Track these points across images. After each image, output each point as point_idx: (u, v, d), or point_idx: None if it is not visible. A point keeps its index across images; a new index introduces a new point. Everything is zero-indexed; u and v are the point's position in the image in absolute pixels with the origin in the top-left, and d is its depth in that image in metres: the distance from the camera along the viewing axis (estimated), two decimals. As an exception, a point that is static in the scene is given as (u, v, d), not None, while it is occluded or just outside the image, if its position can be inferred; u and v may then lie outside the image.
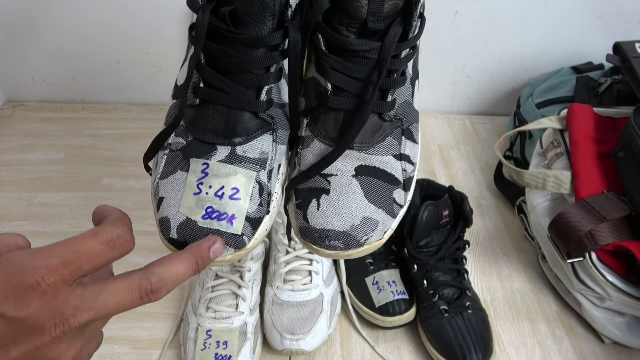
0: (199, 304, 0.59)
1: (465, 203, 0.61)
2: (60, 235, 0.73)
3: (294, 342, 0.57)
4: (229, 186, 0.36)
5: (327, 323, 0.61)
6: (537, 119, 0.80)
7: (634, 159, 0.59)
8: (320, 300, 0.62)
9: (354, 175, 0.38)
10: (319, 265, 0.63)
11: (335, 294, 0.65)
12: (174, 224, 0.36)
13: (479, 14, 0.93)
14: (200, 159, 0.37)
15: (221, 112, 0.37)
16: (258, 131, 0.38)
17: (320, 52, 0.38)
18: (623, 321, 0.62)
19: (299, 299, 0.61)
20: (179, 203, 0.36)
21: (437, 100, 1.06)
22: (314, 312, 0.60)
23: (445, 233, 0.63)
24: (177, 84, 0.42)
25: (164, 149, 0.39)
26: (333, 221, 0.37)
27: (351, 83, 0.38)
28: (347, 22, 0.36)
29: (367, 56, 0.37)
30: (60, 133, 0.93)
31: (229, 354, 0.56)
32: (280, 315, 0.60)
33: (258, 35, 0.35)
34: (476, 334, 0.58)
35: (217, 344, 0.56)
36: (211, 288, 0.60)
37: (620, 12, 0.93)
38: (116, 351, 0.60)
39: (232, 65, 0.36)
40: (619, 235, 0.57)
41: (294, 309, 0.60)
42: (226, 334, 0.57)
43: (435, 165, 0.92)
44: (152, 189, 0.39)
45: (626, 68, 0.69)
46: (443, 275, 0.62)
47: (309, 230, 0.37)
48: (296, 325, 0.59)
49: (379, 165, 0.39)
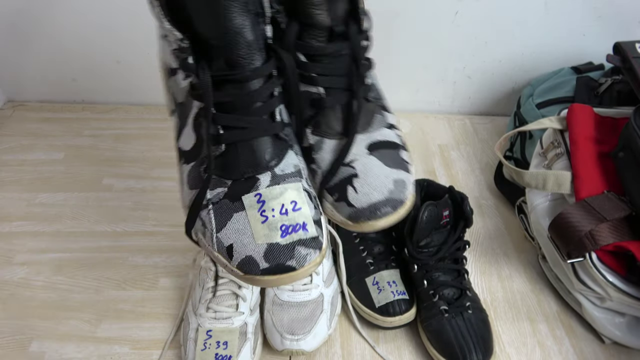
0: (199, 304, 0.60)
1: (465, 203, 0.61)
2: (60, 235, 0.74)
3: (294, 342, 0.57)
4: (287, 201, 0.39)
5: (327, 323, 0.61)
6: (537, 119, 0.80)
7: (634, 159, 0.60)
8: (320, 300, 0.62)
9: (368, 153, 0.44)
10: (319, 265, 0.63)
11: (335, 294, 0.65)
12: (258, 257, 0.38)
13: (479, 14, 0.93)
14: (250, 193, 0.40)
15: (249, 146, 0.41)
16: (284, 149, 0.42)
17: (305, 65, 0.43)
18: (623, 321, 0.62)
19: (299, 299, 0.61)
20: (251, 239, 0.38)
21: (437, 100, 1.06)
22: (314, 312, 0.60)
23: (445, 233, 0.63)
24: (183, 148, 0.44)
25: (203, 207, 0.41)
26: (374, 194, 0.41)
27: (338, 80, 0.44)
28: (316, 33, 0.43)
29: (341, 54, 0.43)
30: (60, 133, 0.93)
31: (229, 354, 0.56)
32: (280, 315, 0.60)
33: (254, 69, 0.40)
34: (476, 334, 0.58)
35: (217, 344, 0.56)
36: (211, 288, 0.60)
37: (620, 12, 0.93)
38: (116, 351, 0.60)
39: (242, 103, 0.40)
40: (619, 235, 0.57)
41: (294, 309, 0.60)
42: (226, 334, 0.57)
43: (435, 165, 0.92)
44: (210, 251, 0.40)
45: (626, 68, 0.69)
46: (443, 275, 0.62)
47: (358, 212, 0.41)
48: (296, 325, 0.59)
49: (381, 137, 0.45)
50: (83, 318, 0.63)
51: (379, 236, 0.68)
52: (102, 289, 0.67)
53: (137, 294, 0.67)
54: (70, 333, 0.62)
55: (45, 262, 0.70)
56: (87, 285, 0.67)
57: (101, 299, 0.66)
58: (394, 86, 1.04)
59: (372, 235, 0.68)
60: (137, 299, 0.66)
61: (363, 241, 0.67)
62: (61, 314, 0.64)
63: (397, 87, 1.04)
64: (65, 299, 0.65)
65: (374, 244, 0.67)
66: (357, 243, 0.68)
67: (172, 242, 0.74)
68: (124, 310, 0.65)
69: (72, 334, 0.61)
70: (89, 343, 0.61)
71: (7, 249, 0.71)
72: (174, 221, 0.77)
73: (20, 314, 0.63)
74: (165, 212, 0.78)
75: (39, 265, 0.69)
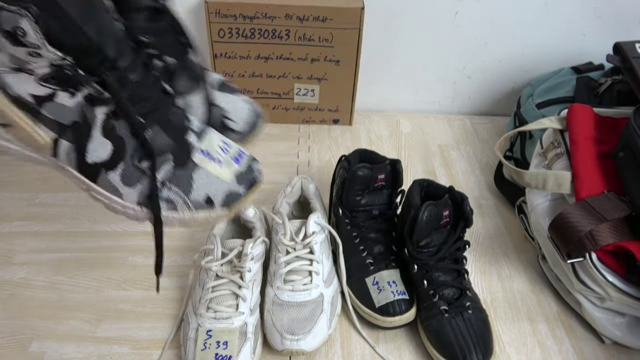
0: (199, 304, 0.60)
1: (465, 203, 0.61)
2: (60, 235, 0.74)
3: (294, 342, 0.57)
4: (220, 143, 0.48)
5: (327, 323, 0.61)
6: (537, 119, 0.80)
7: (634, 159, 0.60)
8: (321, 300, 0.62)
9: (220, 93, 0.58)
10: (319, 265, 0.63)
11: (335, 294, 0.65)
12: (234, 187, 0.45)
13: (479, 14, 0.93)
14: (194, 152, 0.47)
15: (168, 121, 0.48)
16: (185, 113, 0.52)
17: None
18: (623, 321, 0.62)
19: (299, 299, 0.61)
20: (219, 181, 0.45)
21: (437, 100, 1.07)
22: (314, 312, 0.60)
23: (445, 233, 0.63)
24: (100, 159, 0.44)
25: (162, 189, 0.45)
26: (245, 119, 0.57)
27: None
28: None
29: None
30: (60, 133, 0.93)
31: (229, 354, 0.56)
32: (280, 315, 0.60)
33: (132, 62, 0.44)
34: (476, 334, 0.58)
35: (217, 344, 0.56)
36: (211, 288, 0.60)
37: (620, 12, 0.93)
38: (116, 351, 0.60)
39: (144, 90, 0.47)
40: (619, 235, 0.57)
41: (294, 309, 0.60)
42: (226, 334, 0.57)
43: (435, 165, 0.92)
44: (189, 218, 0.45)
45: (626, 68, 0.69)
46: (443, 275, 0.62)
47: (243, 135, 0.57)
48: (296, 325, 0.59)
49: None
50: (83, 318, 0.63)
51: (379, 236, 0.68)
52: (102, 289, 0.67)
53: (137, 294, 0.67)
54: (70, 333, 0.62)
55: (45, 262, 0.70)
56: (87, 285, 0.67)
57: (101, 299, 0.66)
58: (394, 86, 1.04)
59: (372, 235, 0.68)
60: (137, 299, 0.66)
61: (363, 241, 0.67)
62: (61, 314, 0.64)
63: (397, 87, 1.04)
64: (65, 299, 0.65)
65: (374, 244, 0.67)
66: (357, 243, 0.68)
67: (172, 242, 0.74)
68: (124, 310, 0.65)
69: (72, 334, 0.61)
70: (89, 343, 0.61)
71: (7, 249, 0.71)
72: (174, 221, 0.77)
73: (20, 314, 0.63)
74: (165, 212, 0.78)
75: (39, 265, 0.69)
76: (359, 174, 0.66)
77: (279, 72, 0.92)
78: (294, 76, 0.93)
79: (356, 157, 0.71)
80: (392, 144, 0.96)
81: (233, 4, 0.83)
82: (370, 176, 0.66)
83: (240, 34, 0.87)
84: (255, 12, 0.84)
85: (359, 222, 0.68)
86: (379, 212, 0.69)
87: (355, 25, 0.86)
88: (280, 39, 0.88)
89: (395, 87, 1.04)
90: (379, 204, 0.69)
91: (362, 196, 0.69)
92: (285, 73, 0.93)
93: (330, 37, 0.87)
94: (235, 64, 0.91)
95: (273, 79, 0.94)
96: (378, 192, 0.69)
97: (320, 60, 0.91)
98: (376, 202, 0.69)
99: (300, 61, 0.91)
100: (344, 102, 0.97)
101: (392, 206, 0.70)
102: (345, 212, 0.70)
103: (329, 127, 1.00)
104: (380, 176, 0.67)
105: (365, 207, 0.69)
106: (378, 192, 0.69)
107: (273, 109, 0.98)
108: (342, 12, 0.84)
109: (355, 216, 0.69)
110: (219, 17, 0.85)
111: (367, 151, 0.71)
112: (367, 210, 0.69)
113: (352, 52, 0.89)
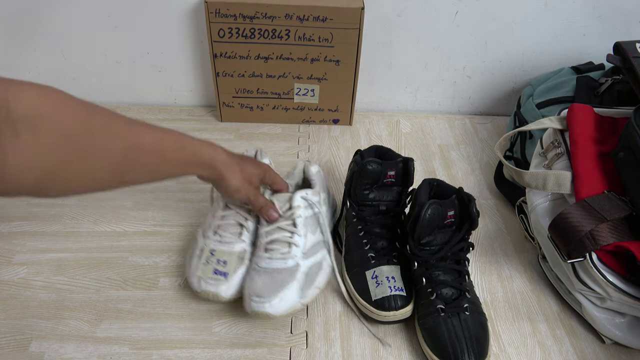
0: (208, 229, 0.67)
1: (472, 205, 0.61)
2: (60, 235, 0.74)
3: (259, 304, 0.59)
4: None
5: (299, 292, 0.61)
6: (537, 119, 0.80)
7: (634, 159, 0.59)
8: (296, 269, 0.62)
9: None
10: (300, 238, 0.64)
11: (316, 267, 0.65)
12: None
13: (479, 14, 0.93)
14: None
15: None
16: None
17: None
18: (623, 321, 0.62)
19: (274, 266, 0.62)
20: None
21: (437, 100, 1.06)
22: (286, 279, 0.61)
23: (449, 233, 0.63)
24: None
25: None
26: None
27: None
28: None
29: None
30: (60, 133, 0.93)
31: (227, 271, 0.63)
32: (254, 280, 0.62)
33: None
34: (471, 336, 0.58)
35: (218, 261, 0.64)
36: (220, 217, 0.67)
37: (620, 12, 0.93)
38: (116, 351, 0.60)
39: None
40: (619, 235, 0.57)
41: (267, 275, 0.62)
42: (227, 254, 0.65)
43: (435, 165, 0.92)
44: None
45: (626, 68, 0.69)
46: (443, 274, 0.62)
47: None
48: (265, 289, 0.60)
49: None
50: (83, 318, 0.63)
51: (384, 231, 0.68)
52: (102, 289, 0.67)
53: (137, 294, 0.67)
54: (70, 333, 0.62)
55: (45, 262, 0.70)
56: (87, 285, 0.67)
57: (101, 299, 0.66)
58: (394, 86, 1.04)
59: (376, 230, 0.68)
60: (137, 299, 0.66)
61: (367, 235, 0.68)
62: (61, 314, 0.64)
63: (397, 87, 1.04)
64: (65, 299, 0.65)
65: (377, 238, 0.67)
66: (362, 236, 0.68)
67: (172, 242, 0.74)
68: (124, 310, 0.65)
69: (72, 334, 0.61)
70: (89, 343, 0.61)
71: (7, 249, 0.71)
72: (174, 221, 0.77)
73: (20, 314, 0.63)
74: (165, 212, 0.78)
75: (39, 265, 0.69)
76: (368, 168, 0.66)
77: (279, 72, 0.92)
78: (294, 76, 0.93)
79: (371, 152, 0.72)
80: (392, 144, 0.96)
81: (233, 4, 0.83)
82: (379, 171, 0.66)
83: (240, 33, 0.87)
84: (255, 12, 0.84)
85: (365, 216, 0.69)
86: (387, 208, 0.69)
87: (355, 25, 0.86)
88: (280, 39, 0.88)
89: (395, 87, 1.04)
90: (387, 200, 0.69)
91: (370, 191, 0.69)
92: (285, 73, 0.93)
93: (330, 37, 0.87)
94: (235, 64, 0.91)
95: (273, 79, 0.93)
96: (387, 189, 0.69)
97: (320, 60, 0.90)
98: (384, 198, 0.69)
99: (300, 61, 0.91)
100: (344, 102, 0.97)
101: (400, 204, 0.70)
102: (352, 205, 0.70)
103: (329, 127, 1.00)
104: (390, 172, 0.67)
105: (372, 202, 0.69)
106: (387, 188, 0.69)
107: (273, 109, 0.98)
108: (342, 12, 0.84)
109: (362, 210, 0.70)
110: (219, 17, 0.85)
111: (382, 147, 0.72)
112: (374, 205, 0.69)
113: (352, 52, 0.89)
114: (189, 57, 0.97)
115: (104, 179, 0.43)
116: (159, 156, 0.47)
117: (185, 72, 0.99)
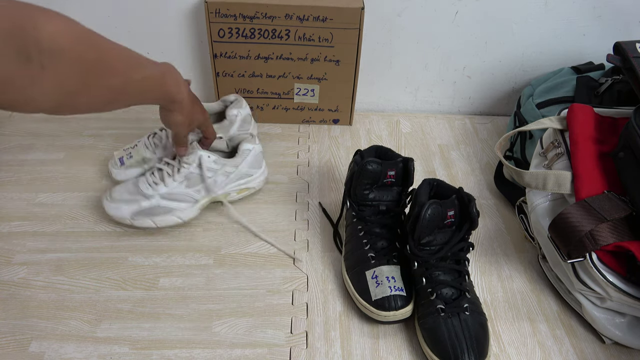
0: None
1: (472, 205, 0.61)
2: (60, 235, 0.74)
3: (105, 198, 0.74)
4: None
5: (134, 214, 0.73)
6: (537, 119, 0.80)
7: (634, 159, 0.59)
8: (148, 197, 0.73)
9: None
10: (171, 181, 0.73)
11: (163, 210, 0.73)
12: None
13: (479, 14, 0.93)
14: None
15: None
16: None
17: None
18: (623, 321, 0.62)
19: (140, 186, 0.74)
20: None
21: (437, 100, 1.07)
22: (135, 198, 0.73)
23: (449, 233, 0.63)
24: None
25: None
26: None
27: None
28: None
29: None
30: (60, 133, 0.93)
31: (128, 163, 0.81)
32: (124, 183, 0.76)
33: None
34: (471, 336, 0.58)
35: (129, 154, 0.82)
36: (167, 135, 0.81)
37: (620, 12, 0.93)
38: (116, 351, 0.60)
39: None
40: (619, 235, 0.57)
41: (132, 185, 0.75)
42: (135, 152, 0.82)
43: (435, 165, 0.92)
44: None
45: (626, 68, 0.69)
46: (443, 274, 0.62)
47: None
48: (117, 192, 0.74)
49: None
50: (83, 318, 0.63)
51: (384, 231, 0.68)
52: (102, 289, 0.67)
53: (137, 294, 0.67)
54: (70, 333, 0.62)
55: (45, 262, 0.70)
56: (87, 285, 0.67)
57: (101, 299, 0.66)
58: (394, 86, 1.04)
59: (376, 230, 0.68)
60: (137, 299, 0.66)
61: (367, 235, 0.68)
62: (61, 314, 0.64)
63: (397, 87, 1.04)
64: (65, 299, 0.65)
65: (377, 238, 0.67)
66: (362, 236, 0.68)
67: (172, 242, 0.74)
68: (123, 310, 0.65)
69: (72, 334, 0.61)
70: (89, 343, 0.61)
71: (7, 249, 0.71)
72: (174, 221, 0.77)
73: (20, 314, 0.63)
74: (165, 212, 0.78)
75: (39, 265, 0.69)
76: (368, 168, 0.66)
77: (279, 72, 0.92)
78: (294, 76, 0.93)
79: (371, 152, 0.72)
80: (392, 144, 0.96)
81: (233, 4, 0.83)
82: (379, 171, 0.66)
83: (240, 33, 0.87)
84: (255, 12, 0.84)
85: (365, 216, 0.69)
86: (387, 208, 0.69)
87: (355, 25, 0.86)
88: (280, 39, 0.88)
89: (395, 87, 1.04)
90: (387, 200, 0.69)
91: (370, 190, 0.69)
92: (285, 73, 0.93)
93: (330, 37, 0.87)
94: (235, 64, 0.91)
95: (273, 79, 0.94)
96: (387, 189, 0.69)
97: (320, 60, 0.91)
98: (384, 198, 0.69)
99: (300, 61, 0.91)
100: (343, 102, 0.97)
101: (400, 204, 0.70)
102: (352, 205, 0.70)
103: (329, 127, 1.00)
104: (390, 172, 0.67)
105: (372, 202, 0.69)
106: (387, 188, 0.69)
107: (273, 109, 0.98)
108: (342, 12, 0.84)
109: (362, 209, 0.70)
110: (218, 17, 0.85)
111: (382, 147, 0.72)
112: (374, 205, 0.69)
113: (352, 52, 0.89)
114: (189, 57, 0.97)
115: (98, 107, 0.53)
116: (141, 91, 0.58)
117: (185, 72, 0.99)
